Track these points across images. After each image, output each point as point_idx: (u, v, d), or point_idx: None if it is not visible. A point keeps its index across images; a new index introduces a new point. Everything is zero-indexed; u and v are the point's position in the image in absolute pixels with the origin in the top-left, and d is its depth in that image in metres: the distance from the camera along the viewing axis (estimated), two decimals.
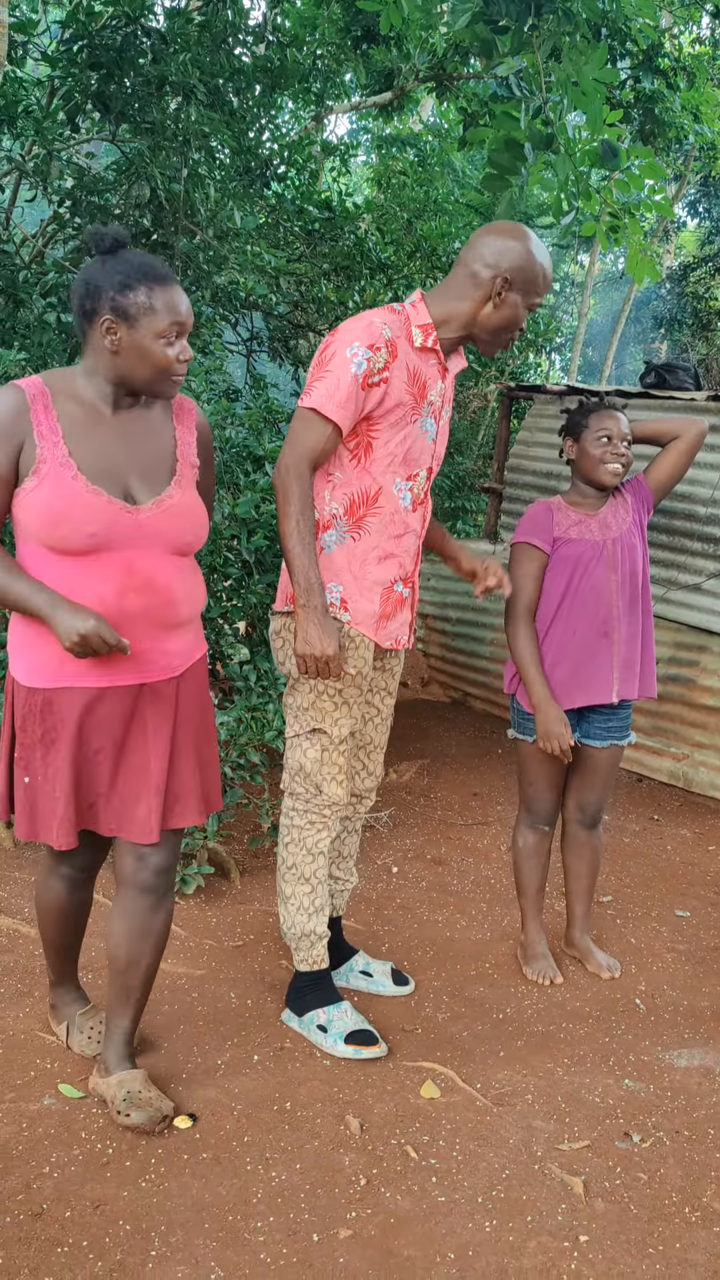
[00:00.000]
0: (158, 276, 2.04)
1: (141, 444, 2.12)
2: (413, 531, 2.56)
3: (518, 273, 2.41)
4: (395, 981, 2.92)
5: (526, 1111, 2.44)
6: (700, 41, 11.65)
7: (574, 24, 4.74)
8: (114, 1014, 2.34)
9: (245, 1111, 2.35)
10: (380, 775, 2.84)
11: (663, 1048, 2.75)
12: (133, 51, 4.78)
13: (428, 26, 8.11)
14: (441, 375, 2.53)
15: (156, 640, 2.13)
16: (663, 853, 4.11)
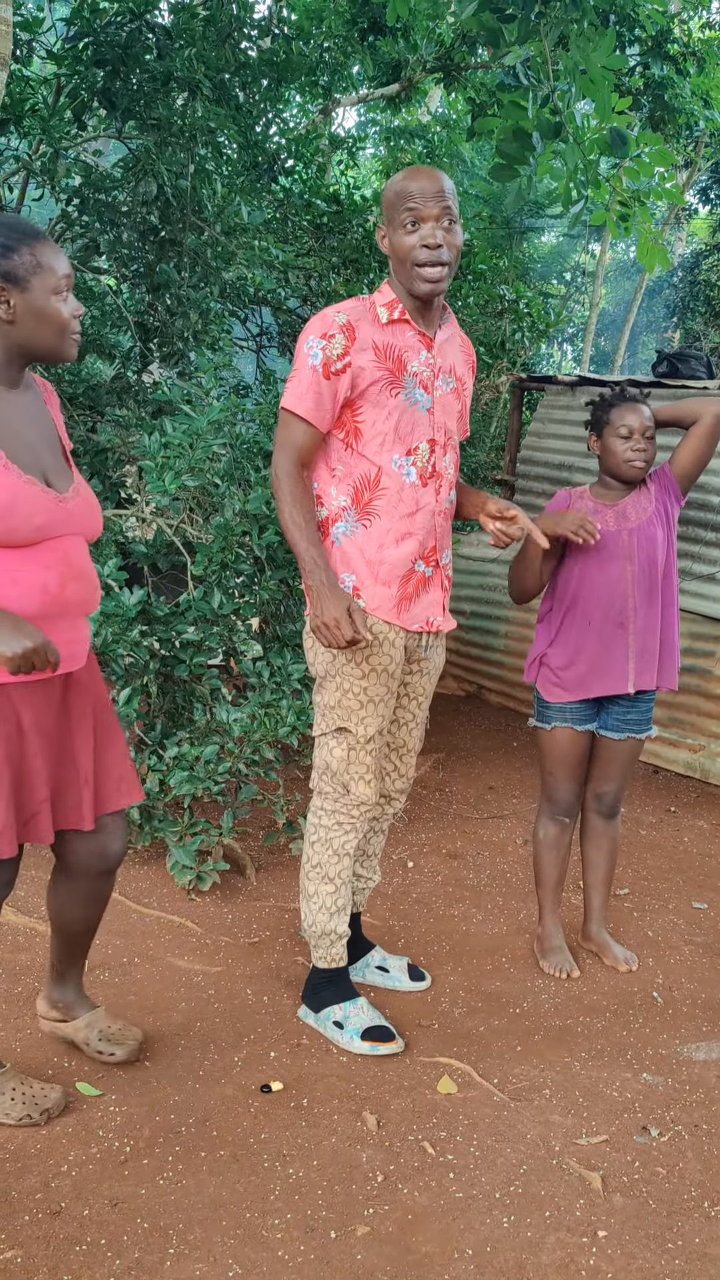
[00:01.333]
0: (34, 233, 1.96)
1: (39, 428, 2.06)
2: (426, 508, 2.49)
3: (384, 213, 2.41)
4: (412, 977, 2.91)
5: (544, 1106, 2.43)
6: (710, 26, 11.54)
7: (581, 11, 4.71)
8: (68, 967, 2.45)
9: (262, 1108, 2.35)
10: (411, 777, 2.80)
11: (680, 1041, 2.74)
12: (138, 48, 4.77)
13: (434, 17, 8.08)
14: (425, 345, 2.45)
15: (81, 629, 2.12)
16: (680, 844, 4.09)
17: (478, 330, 7.20)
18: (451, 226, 2.35)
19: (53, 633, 2.04)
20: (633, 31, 8.41)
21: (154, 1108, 2.33)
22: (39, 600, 1.99)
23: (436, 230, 2.32)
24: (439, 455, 2.50)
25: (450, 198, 2.35)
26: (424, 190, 2.32)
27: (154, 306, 5.09)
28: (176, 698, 3.72)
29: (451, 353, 2.55)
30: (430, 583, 2.55)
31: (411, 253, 2.35)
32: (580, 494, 2.93)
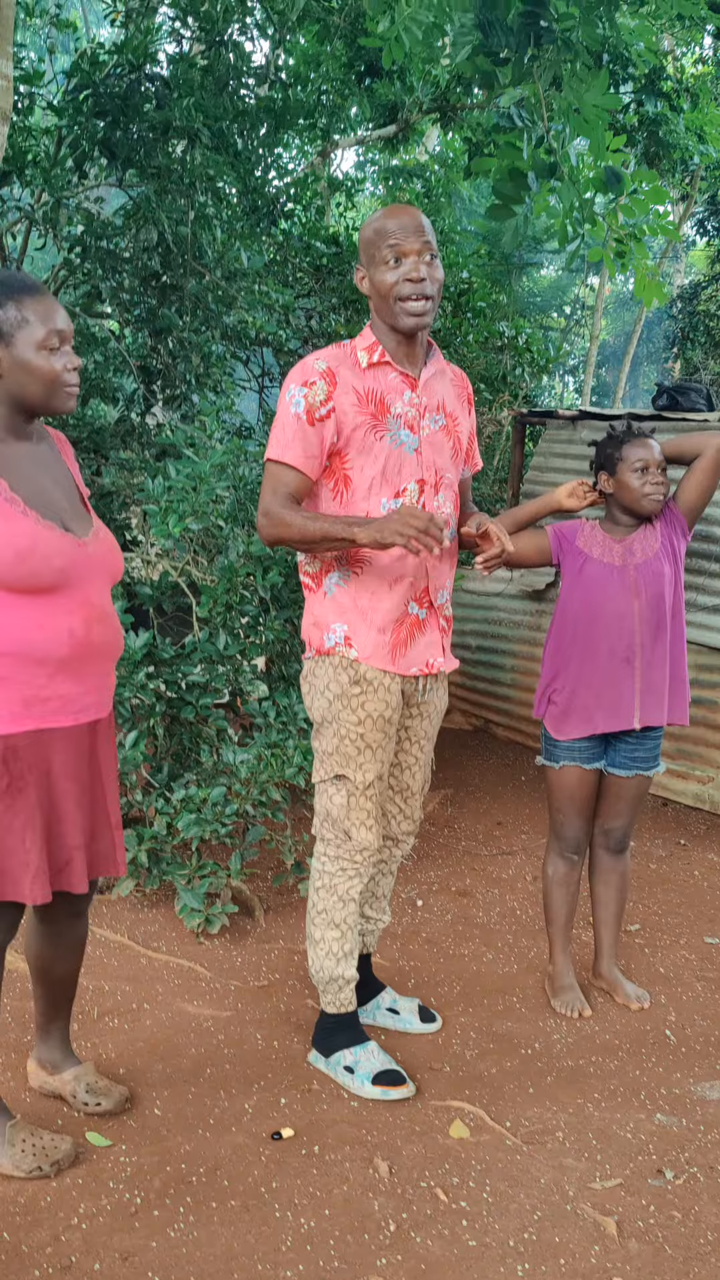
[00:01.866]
0: (25, 288, 2.00)
1: (54, 476, 2.11)
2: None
3: (363, 253, 2.42)
4: (422, 1018, 2.89)
5: (557, 1150, 2.40)
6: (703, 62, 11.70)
7: (574, 53, 4.78)
8: (51, 1019, 2.45)
9: (273, 1157, 2.33)
10: (418, 819, 2.78)
11: (694, 1080, 2.71)
12: (138, 98, 4.85)
13: (429, 60, 8.20)
14: (409, 385, 2.44)
15: (109, 674, 2.17)
16: (690, 878, 4.06)
17: (478, 366, 7.25)
18: (433, 261, 2.36)
19: (83, 678, 2.08)
20: (626, 70, 8.53)
21: (165, 1157, 2.31)
22: (68, 644, 2.02)
23: (419, 264, 2.33)
24: (429, 495, 2.47)
25: (429, 234, 2.37)
26: (404, 226, 2.34)
27: (156, 350, 5.14)
28: (183, 739, 3.73)
29: (440, 389, 2.53)
30: (425, 625, 2.53)
31: (395, 288, 2.35)
32: (590, 525, 2.95)
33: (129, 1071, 2.62)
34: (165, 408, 5.32)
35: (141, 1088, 2.56)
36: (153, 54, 4.90)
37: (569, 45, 4.74)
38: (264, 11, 6.40)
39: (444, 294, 6.79)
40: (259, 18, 6.31)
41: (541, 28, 4.57)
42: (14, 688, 2.00)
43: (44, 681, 2.02)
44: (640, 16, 7.92)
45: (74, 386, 2.05)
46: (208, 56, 5.49)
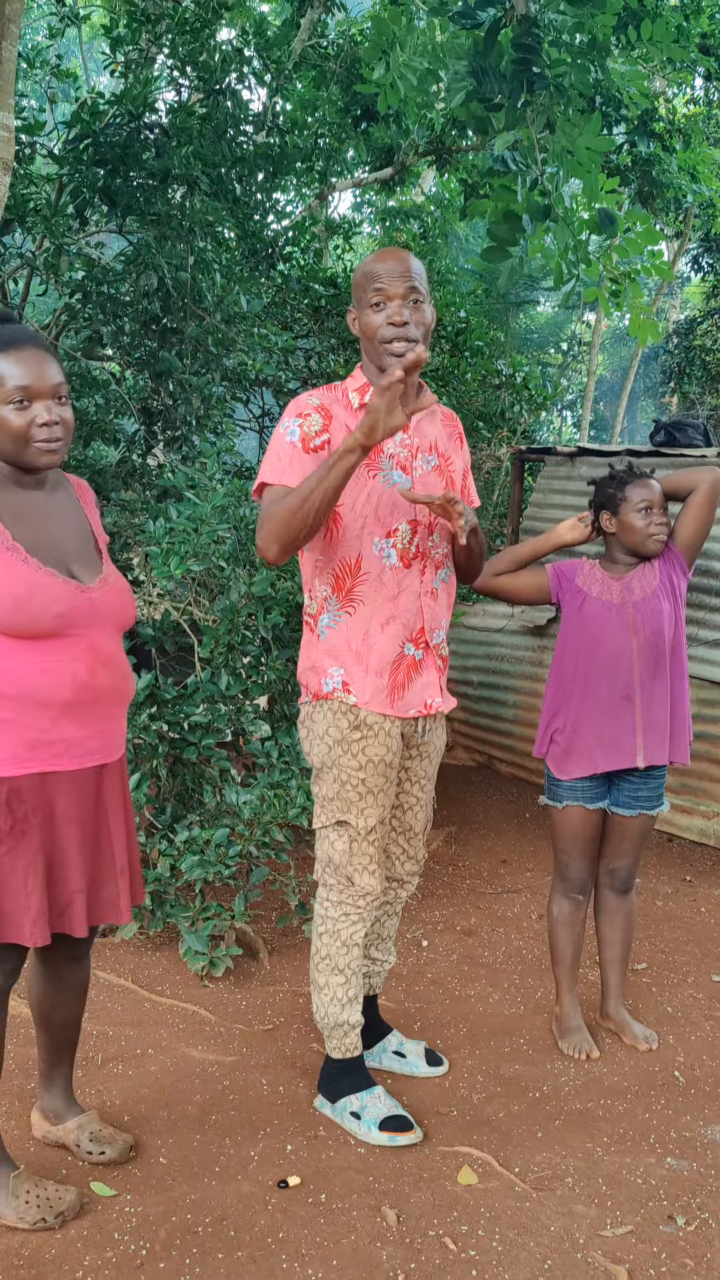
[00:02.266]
0: (4, 343, 2.01)
1: (66, 524, 2.14)
2: (410, 590, 2.46)
3: (353, 295, 2.45)
4: (429, 1062, 2.87)
5: (567, 1196, 2.38)
6: (694, 102, 11.88)
7: (566, 97, 4.86)
8: (54, 1066, 2.43)
9: (280, 1205, 2.30)
10: (422, 859, 2.76)
11: (705, 1122, 2.68)
12: (137, 147, 4.93)
13: (425, 105, 8.34)
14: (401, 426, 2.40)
15: (116, 719, 2.17)
16: (697, 915, 4.04)
17: (476, 403, 7.31)
18: (418, 305, 2.37)
19: (88, 722, 2.09)
20: (618, 112, 8.66)
21: (170, 1207, 2.28)
22: (71, 689, 2.04)
23: (403, 308, 2.35)
24: (422, 536, 2.47)
25: (416, 278, 2.37)
26: (390, 270, 2.35)
27: (157, 392, 5.19)
28: (186, 780, 3.72)
29: (431, 430, 2.54)
30: (423, 665, 2.51)
31: (379, 331, 2.37)
32: (589, 564, 2.96)
33: (133, 1119, 2.60)
34: (166, 449, 5.36)
35: (146, 1135, 2.53)
36: (152, 103, 4.99)
37: (561, 90, 4.83)
38: (261, 60, 6.52)
39: (442, 332, 6.85)
40: (256, 66, 6.42)
41: (534, 74, 4.65)
42: (18, 731, 2.02)
43: (47, 725, 2.03)
44: (631, 61, 8.06)
45: (46, 443, 2.03)
46: (206, 105, 5.58)
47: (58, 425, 2.04)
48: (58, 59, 6.75)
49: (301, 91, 9.29)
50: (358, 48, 9.27)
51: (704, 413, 13.44)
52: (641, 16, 7.32)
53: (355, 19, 10.47)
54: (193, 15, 5.58)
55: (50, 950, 2.31)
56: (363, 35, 9.56)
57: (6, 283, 5.15)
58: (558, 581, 2.96)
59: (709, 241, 12.97)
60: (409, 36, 5.24)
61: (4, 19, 3.85)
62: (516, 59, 4.63)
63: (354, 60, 9.41)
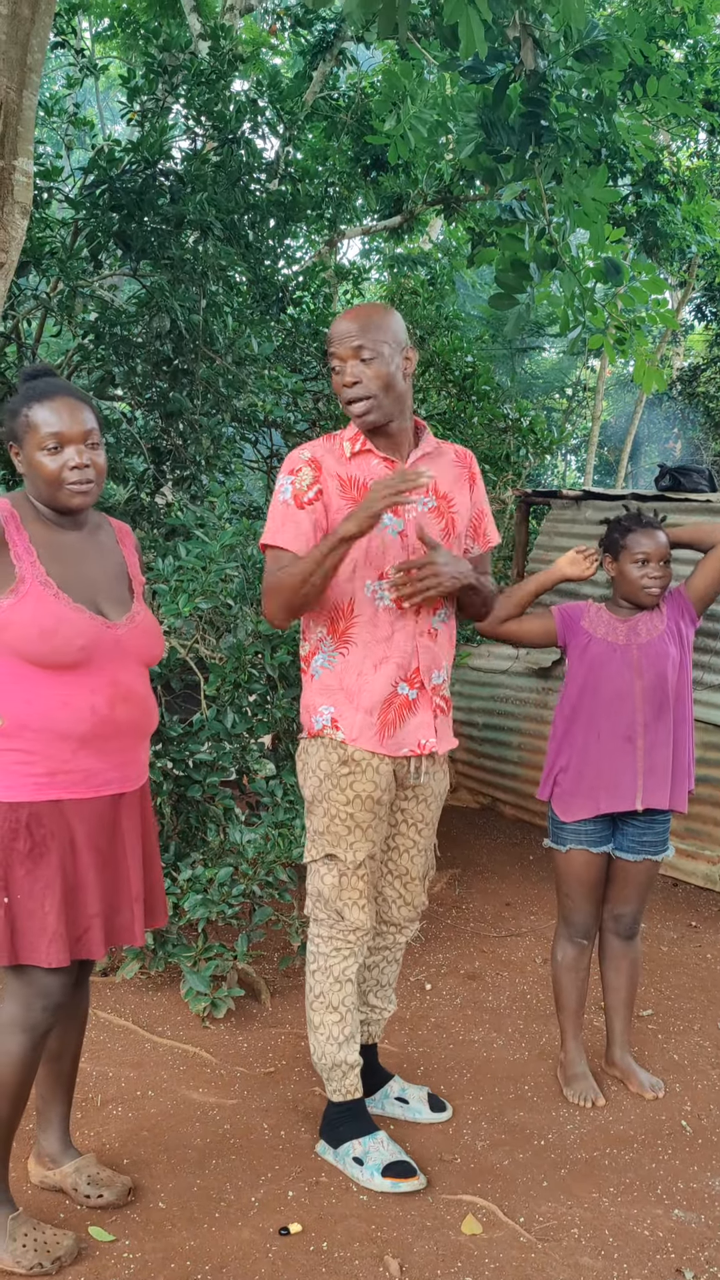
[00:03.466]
0: (40, 394, 2.13)
1: (101, 564, 2.23)
2: (404, 630, 2.48)
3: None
4: (432, 1107, 2.83)
5: (573, 1247, 2.34)
6: (698, 156, 12.07)
7: (573, 150, 4.95)
8: (50, 1104, 2.42)
9: (281, 1253, 2.26)
10: (421, 905, 2.75)
11: (712, 1173, 2.64)
12: (152, 192, 5.00)
13: (434, 155, 8.49)
14: (392, 469, 2.49)
15: (136, 750, 2.24)
16: (703, 961, 4.00)
17: (482, 446, 7.36)
18: (369, 361, 2.40)
19: (107, 754, 2.16)
20: (624, 164, 8.81)
21: (169, 1253, 2.25)
22: (90, 721, 2.12)
23: (352, 367, 2.40)
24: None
25: (364, 333, 2.40)
26: (338, 334, 2.42)
27: (167, 432, 5.23)
28: (190, 818, 3.71)
29: (433, 470, 2.55)
30: (416, 705, 2.52)
31: (338, 392, 2.45)
32: (595, 607, 2.97)
33: (133, 1162, 2.57)
34: (175, 488, 5.40)
35: (146, 1179, 2.50)
36: (167, 151, 5.07)
37: (568, 143, 4.91)
38: (274, 110, 6.64)
39: (449, 376, 6.92)
40: (269, 116, 6.54)
41: (542, 127, 4.74)
42: (39, 760, 2.10)
43: (68, 756, 2.11)
44: (637, 115, 8.21)
45: (78, 485, 2.14)
46: (220, 153, 5.67)
47: (89, 468, 2.14)
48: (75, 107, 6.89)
49: (313, 141, 9.46)
50: (369, 100, 9.45)
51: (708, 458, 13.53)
52: (647, 73, 7.47)
53: (366, 72, 10.68)
54: (208, 67, 5.69)
55: None
56: (373, 88, 9.75)
57: (21, 323, 5.22)
58: (564, 624, 2.96)
59: (712, 291, 13.13)
60: (419, 90, 5.35)
61: (25, 68, 3.93)
62: (525, 112, 4.72)
63: (365, 112, 9.59)
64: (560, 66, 4.90)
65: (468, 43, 3.98)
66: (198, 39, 8.81)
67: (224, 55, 5.83)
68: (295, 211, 5.95)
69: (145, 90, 5.58)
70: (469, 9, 3.86)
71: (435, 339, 7.08)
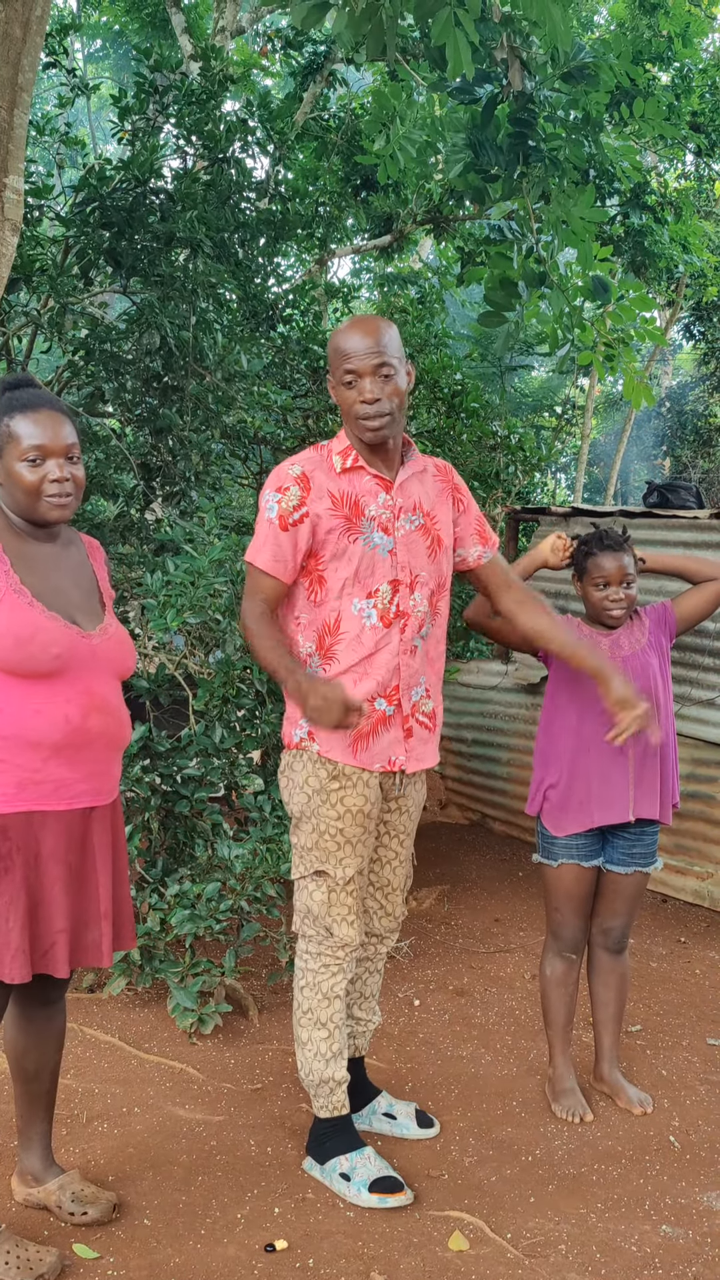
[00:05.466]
0: (22, 405, 2.14)
1: (73, 576, 2.24)
2: (387, 648, 2.48)
3: (329, 366, 2.48)
4: (420, 1123, 2.82)
5: (560, 1264, 2.33)
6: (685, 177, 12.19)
7: (561, 170, 4.99)
8: (30, 1123, 2.40)
9: (266, 1270, 2.25)
10: (401, 915, 2.76)
11: (700, 1189, 2.63)
12: (143, 210, 5.04)
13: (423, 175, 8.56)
14: (384, 487, 2.49)
15: (108, 763, 2.22)
16: (691, 977, 4.00)
17: (471, 463, 7.39)
18: (390, 378, 2.39)
19: (78, 764, 2.14)
20: (612, 184, 8.89)
21: (153, 1270, 2.23)
22: (62, 731, 2.10)
23: (374, 384, 2.38)
24: (403, 595, 2.50)
25: (385, 350, 2.39)
26: (357, 348, 2.37)
27: (157, 448, 5.25)
28: (178, 834, 3.70)
29: (416, 490, 2.55)
30: (390, 721, 2.51)
31: (353, 408, 2.41)
32: (578, 623, 2.98)
33: (118, 1178, 2.55)
34: (164, 504, 5.41)
35: (131, 1195, 2.48)
36: (157, 169, 5.10)
37: (556, 163, 4.96)
38: (265, 130, 6.69)
39: (438, 394, 6.95)
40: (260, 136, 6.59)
41: (530, 147, 4.79)
42: (8, 770, 2.08)
43: (38, 765, 2.09)
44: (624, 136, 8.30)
45: (57, 498, 2.14)
46: (210, 172, 5.71)
47: (68, 482, 2.15)
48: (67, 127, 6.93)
49: (303, 161, 9.53)
50: (358, 120, 9.53)
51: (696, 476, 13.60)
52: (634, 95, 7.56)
53: (356, 93, 10.77)
54: (199, 87, 5.74)
55: (25, 994, 2.31)
56: (363, 109, 9.83)
57: (11, 340, 5.23)
58: None
59: (700, 310, 13.24)
60: (409, 110, 5.39)
61: (16, 88, 3.96)
62: (513, 133, 4.77)
63: (354, 132, 9.68)
64: (547, 88, 4.95)
65: (455, 64, 4.02)
66: (189, 60, 8.88)
67: (215, 76, 5.87)
68: (285, 230, 5.99)
69: (136, 109, 5.61)
70: (456, 31, 3.90)
71: (425, 356, 7.12)
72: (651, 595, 4.78)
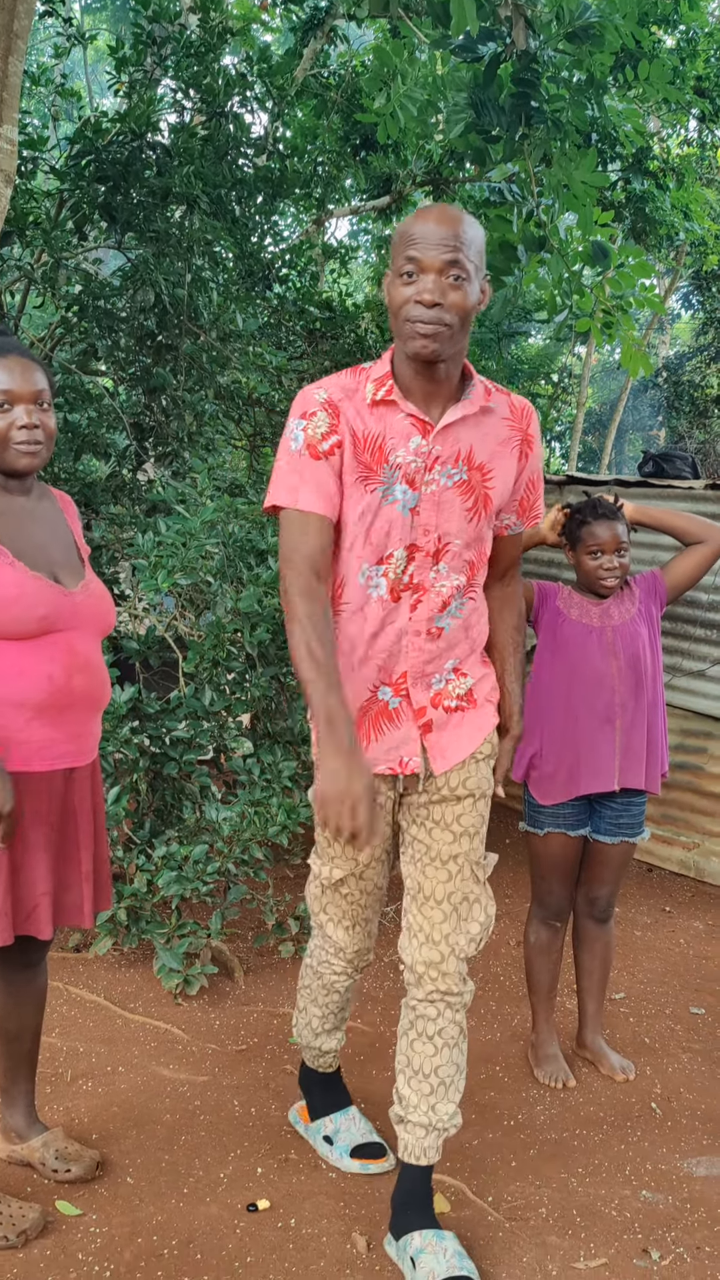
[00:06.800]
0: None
1: (51, 532, 2.19)
2: (394, 627, 2.07)
3: (391, 255, 1.96)
4: None
5: (540, 1227, 2.35)
6: (688, 143, 12.05)
7: (563, 132, 4.92)
8: (14, 1081, 2.40)
9: (248, 1229, 2.26)
10: (457, 952, 2.12)
11: (681, 1155, 2.66)
12: (138, 165, 4.95)
13: (423, 135, 8.43)
14: (419, 430, 2.00)
15: (89, 723, 2.19)
16: (675, 946, 4.02)
17: None
18: (460, 283, 1.89)
19: (61, 725, 2.11)
20: (614, 149, 8.77)
21: (136, 1228, 2.24)
22: (46, 690, 2.07)
23: (437, 284, 1.88)
24: (422, 566, 2.05)
25: (464, 248, 1.89)
26: (429, 235, 1.87)
27: (150, 408, 5.19)
28: (166, 796, 3.69)
29: (469, 436, 2.04)
30: (398, 716, 2.11)
31: (404, 308, 1.92)
32: (569, 591, 2.96)
33: (102, 1137, 2.56)
34: (157, 464, 5.36)
35: (114, 1154, 2.49)
36: (154, 123, 5.01)
37: (558, 125, 4.89)
38: (264, 86, 6.57)
39: None
40: (259, 91, 6.47)
41: (532, 108, 4.71)
42: None
43: (20, 725, 2.07)
44: (628, 100, 8.18)
45: (25, 445, 2.08)
46: (208, 127, 5.61)
47: (38, 429, 2.10)
48: (62, 78, 6.79)
49: (302, 119, 9.38)
50: (359, 78, 9.37)
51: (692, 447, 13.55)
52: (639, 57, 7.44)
53: (357, 51, 10.59)
54: (198, 40, 5.62)
55: (6, 956, 2.30)
56: (364, 67, 9.67)
57: (3, 295, 5.16)
58: (540, 597, 2.96)
59: (699, 279, 13.13)
60: (410, 68, 5.30)
61: (11, 34, 3.87)
62: (515, 93, 4.69)
63: (355, 90, 9.51)
64: (551, 47, 4.87)
65: (459, 20, 3.95)
66: (188, 11, 8.71)
67: (214, 28, 5.75)
68: (283, 188, 5.90)
69: (133, 61, 5.50)
70: None
71: None
72: (645, 566, 4.76)
